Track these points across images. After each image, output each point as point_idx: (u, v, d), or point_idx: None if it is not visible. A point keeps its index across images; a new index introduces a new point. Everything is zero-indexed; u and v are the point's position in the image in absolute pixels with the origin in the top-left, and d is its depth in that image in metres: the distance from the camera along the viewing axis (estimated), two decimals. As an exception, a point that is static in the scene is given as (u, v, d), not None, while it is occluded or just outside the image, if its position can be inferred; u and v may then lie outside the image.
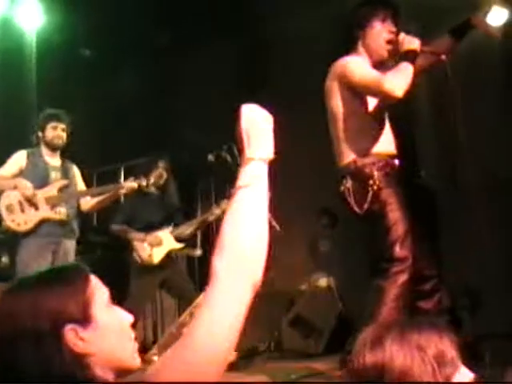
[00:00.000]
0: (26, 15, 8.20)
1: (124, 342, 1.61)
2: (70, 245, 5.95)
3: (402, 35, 4.46)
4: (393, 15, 4.59)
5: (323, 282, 7.36)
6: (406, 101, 4.70)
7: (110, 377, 1.54)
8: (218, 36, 8.14)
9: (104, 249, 7.76)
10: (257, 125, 1.83)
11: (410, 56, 4.35)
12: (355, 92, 4.46)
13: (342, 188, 4.50)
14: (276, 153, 1.86)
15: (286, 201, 8.03)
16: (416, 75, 4.38)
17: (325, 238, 8.35)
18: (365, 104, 4.53)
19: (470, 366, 1.69)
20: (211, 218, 6.61)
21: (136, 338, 1.67)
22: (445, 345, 1.65)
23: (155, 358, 5.03)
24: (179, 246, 6.51)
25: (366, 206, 4.34)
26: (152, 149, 7.03)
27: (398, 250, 4.30)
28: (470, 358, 1.78)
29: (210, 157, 6.27)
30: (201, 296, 5.74)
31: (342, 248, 8.22)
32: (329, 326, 6.60)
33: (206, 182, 8.22)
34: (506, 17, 5.42)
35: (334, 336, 6.45)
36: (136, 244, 6.39)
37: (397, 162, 4.59)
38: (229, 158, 6.23)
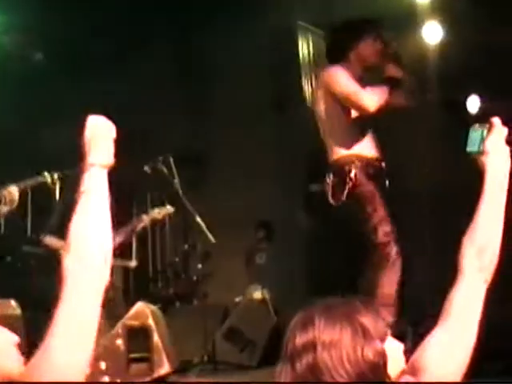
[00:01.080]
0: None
1: (6, 357, 1.70)
2: None
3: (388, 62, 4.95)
4: (381, 35, 5.03)
5: (258, 294, 7.36)
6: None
7: None
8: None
9: (37, 259, 7.62)
10: (98, 134, 1.97)
11: (391, 82, 4.86)
12: (338, 99, 4.87)
13: (325, 183, 4.94)
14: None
15: (222, 213, 8.08)
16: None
17: (261, 251, 8.37)
18: (348, 111, 4.93)
19: None
20: (139, 226, 6.51)
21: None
22: (373, 314, 1.72)
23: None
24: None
25: (341, 200, 4.77)
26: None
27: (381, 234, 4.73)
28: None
29: (146, 168, 6.24)
30: (135, 307, 5.71)
31: (278, 261, 8.25)
32: (263, 339, 6.60)
33: (141, 192, 8.18)
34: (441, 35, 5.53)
35: (268, 349, 6.45)
36: (64, 254, 6.30)
37: (381, 164, 5.00)
38: (165, 170, 6.21)
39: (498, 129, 2.01)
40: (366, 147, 4.94)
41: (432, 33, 5.55)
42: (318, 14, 7.73)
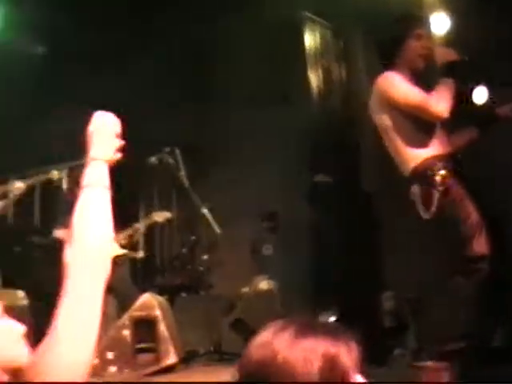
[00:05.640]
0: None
1: (13, 348, 1.69)
2: None
3: (438, 48, 4.79)
4: (425, 30, 4.91)
5: (264, 285, 7.38)
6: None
7: (5, 378, 1.63)
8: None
9: (45, 250, 7.65)
10: (101, 128, 2.02)
11: (450, 69, 4.62)
12: (400, 108, 4.63)
13: (411, 195, 4.59)
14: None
15: (229, 203, 8.10)
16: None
17: (267, 242, 8.39)
18: (410, 115, 4.65)
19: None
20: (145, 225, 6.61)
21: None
22: (338, 349, 1.57)
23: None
24: (122, 251, 6.47)
25: (433, 208, 4.45)
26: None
27: (475, 247, 4.42)
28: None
29: (153, 160, 6.26)
30: (141, 298, 5.76)
31: (284, 252, 8.28)
32: (269, 330, 6.60)
33: (148, 185, 8.20)
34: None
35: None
36: (66, 246, 6.28)
37: (456, 160, 4.74)
38: (171, 161, 6.23)
39: None
40: (441, 144, 4.69)
41: (438, 24, 5.51)
42: (324, 5, 7.75)
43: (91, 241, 1.86)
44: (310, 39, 8.22)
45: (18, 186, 5.78)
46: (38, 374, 1.70)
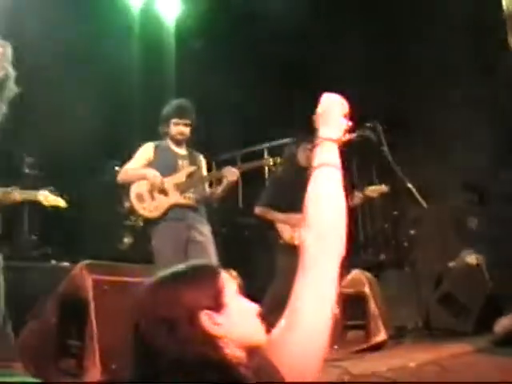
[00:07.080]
0: (165, 3, 8.49)
1: (251, 325, 1.77)
2: (204, 229, 5.80)
3: None
4: None
5: (472, 259, 7.19)
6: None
7: (240, 354, 1.70)
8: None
9: (251, 230, 7.85)
10: (330, 109, 2.04)
11: None
12: None
13: None
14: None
15: (432, 177, 7.95)
16: None
17: (472, 215, 8.18)
18: None
19: None
20: (353, 204, 6.59)
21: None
22: None
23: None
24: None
25: None
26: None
27: None
28: None
29: (354, 135, 6.20)
30: (351, 274, 5.75)
31: (491, 225, 8.03)
32: (478, 305, 6.46)
33: (347, 161, 8.18)
34: None
35: (483, 315, 6.31)
36: (278, 225, 6.40)
37: None
38: (373, 137, 6.16)
39: None
40: None
41: None
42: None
43: (328, 225, 1.87)
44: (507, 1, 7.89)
45: (235, 170, 5.87)
46: (279, 353, 1.76)
